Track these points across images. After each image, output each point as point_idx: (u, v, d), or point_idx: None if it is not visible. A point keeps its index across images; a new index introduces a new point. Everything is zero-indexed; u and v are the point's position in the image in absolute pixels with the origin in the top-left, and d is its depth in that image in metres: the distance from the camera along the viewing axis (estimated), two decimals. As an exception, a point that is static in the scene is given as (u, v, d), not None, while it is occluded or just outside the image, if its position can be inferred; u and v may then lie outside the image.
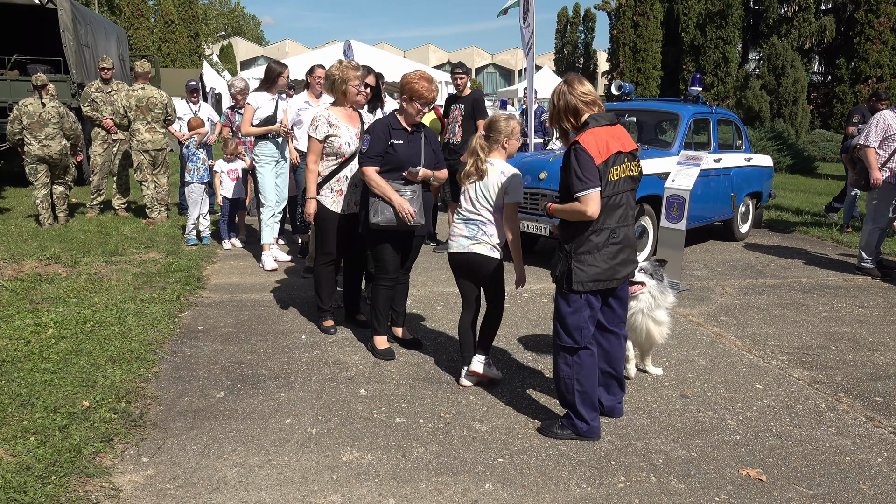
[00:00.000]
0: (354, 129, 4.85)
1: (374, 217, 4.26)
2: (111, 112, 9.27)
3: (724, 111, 8.64)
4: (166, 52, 34.11)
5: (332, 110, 4.84)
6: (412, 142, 4.35)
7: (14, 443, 3.22)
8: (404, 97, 4.27)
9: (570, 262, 3.30)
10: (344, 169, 4.79)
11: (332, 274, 5.07)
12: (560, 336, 3.43)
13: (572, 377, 3.41)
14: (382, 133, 4.28)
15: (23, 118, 8.18)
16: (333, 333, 5.00)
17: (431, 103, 4.31)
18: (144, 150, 8.64)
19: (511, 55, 64.58)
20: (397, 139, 4.29)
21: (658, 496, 3.02)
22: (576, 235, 3.31)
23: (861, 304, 6.17)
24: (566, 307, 3.37)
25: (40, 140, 8.24)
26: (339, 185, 4.81)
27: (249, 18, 71.56)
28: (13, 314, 5.06)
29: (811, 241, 9.08)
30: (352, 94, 4.86)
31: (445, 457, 3.31)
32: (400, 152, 4.29)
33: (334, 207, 4.81)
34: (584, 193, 3.20)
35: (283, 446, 3.37)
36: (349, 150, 4.77)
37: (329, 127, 4.73)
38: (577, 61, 40.19)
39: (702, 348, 4.92)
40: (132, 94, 8.57)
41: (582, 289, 3.30)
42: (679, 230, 6.42)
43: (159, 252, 7.31)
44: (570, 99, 3.34)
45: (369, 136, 4.30)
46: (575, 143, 3.25)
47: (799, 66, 22.68)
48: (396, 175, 4.29)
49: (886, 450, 3.49)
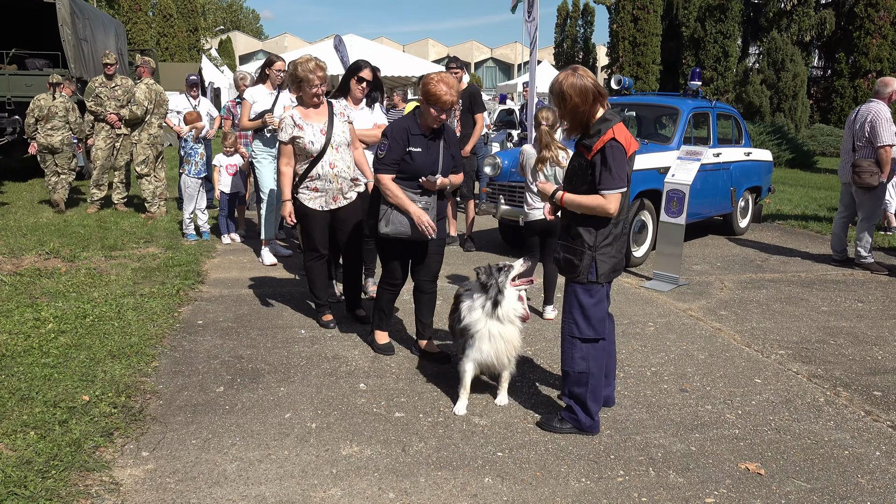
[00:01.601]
0: (319, 125, 4.70)
1: (385, 227, 4.10)
2: (115, 107, 9.28)
3: (724, 106, 8.64)
4: (165, 47, 34.02)
5: (297, 110, 4.72)
6: (431, 148, 4.11)
7: (14, 437, 3.23)
8: (422, 100, 4.02)
9: (595, 255, 3.31)
10: (316, 166, 4.69)
11: (322, 267, 5.01)
12: (580, 328, 3.40)
13: (587, 371, 3.40)
14: (400, 139, 4.04)
15: (35, 111, 9.10)
16: (333, 328, 4.99)
17: (450, 108, 4.00)
18: (154, 144, 8.87)
19: (510, 49, 64.46)
20: (415, 146, 4.05)
21: (657, 490, 3.03)
22: (599, 228, 3.31)
23: (860, 298, 6.17)
24: (589, 299, 3.36)
25: (45, 130, 9.15)
26: (314, 183, 4.72)
27: (248, 13, 71.44)
28: (13, 309, 5.06)
29: (810, 236, 9.09)
30: (308, 96, 4.69)
31: (445, 451, 3.32)
32: (417, 160, 4.06)
33: (313, 204, 4.74)
34: (613, 192, 3.21)
35: (283, 440, 3.38)
36: (315, 148, 4.64)
37: (293, 128, 4.63)
38: (577, 55, 40.12)
39: (701, 343, 4.93)
40: (153, 88, 8.77)
41: (605, 280, 3.35)
42: (679, 225, 6.42)
43: (159, 247, 7.30)
44: (587, 83, 3.22)
45: (386, 142, 4.06)
46: (613, 141, 3.20)
47: (798, 60, 22.64)
48: (412, 183, 4.09)
49: (885, 444, 3.50)
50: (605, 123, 3.26)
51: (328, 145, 4.69)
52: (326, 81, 4.81)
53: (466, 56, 65.37)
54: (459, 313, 3.72)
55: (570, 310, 3.43)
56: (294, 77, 4.68)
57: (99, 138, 9.41)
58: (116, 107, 9.29)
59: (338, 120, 4.78)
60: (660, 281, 6.51)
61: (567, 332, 3.45)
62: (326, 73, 4.77)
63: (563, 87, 3.25)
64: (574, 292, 3.40)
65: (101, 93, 9.31)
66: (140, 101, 8.66)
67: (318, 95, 4.69)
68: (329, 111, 4.78)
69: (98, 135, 9.43)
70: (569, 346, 3.45)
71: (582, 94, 3.22)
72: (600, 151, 3.23)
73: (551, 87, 3.34)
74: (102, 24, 14.02)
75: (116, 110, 9.25)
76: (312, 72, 4.62)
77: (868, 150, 6.88)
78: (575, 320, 3.41)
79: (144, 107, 8.68)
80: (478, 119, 7.57)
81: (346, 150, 4.82)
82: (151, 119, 8.83)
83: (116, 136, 9.45)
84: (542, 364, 4.45)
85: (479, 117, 7.58)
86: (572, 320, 3.42)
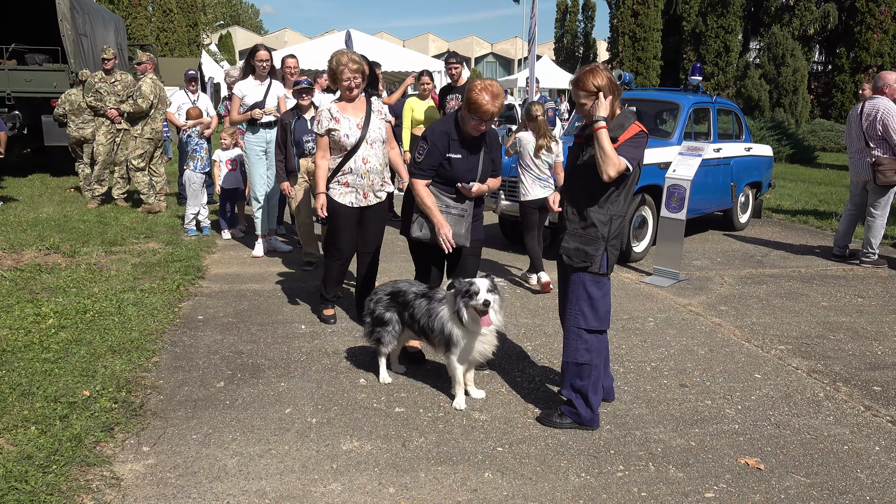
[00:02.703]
0: (356, 120, 4.68)
1: (417, 232, 4.05)
2: (115, 102, 9.29)
3: (725, 101, 8.62)
4: (164, 42, 33.94)
5: (335, 104, 4.72)
6: (471, 154, 3.99)
7: (15, 432, 3.23)
8: (463, 106, 3.89)
9: (607, 248, 3.38)
10: (349, 161, 4.65)
11: (342, 268, 4.92)
12: (587, 320, 3.43)
13: (591, 362, 3.43)
14: (441, 145, 3.91)
15: (66, 105, 9.80)
16: (333, 323, 4.99)
17: (491, 119, 3.84)
18: (154, 140, 8.92)
19: (510, 44, 64.32)
20: (455, 152, 3.93)
21: (657, 485, 3.03)
22: (612, 221, 3.38)
23: (860, 293, 6.17)
24: (597, 291, 3.42)
25: (77, 124, 9.79)
26: (346, 178, 4.67)
27: (248, 8, 71.26)
28: (13, 304, 5.06)
29: (811, 231, 9.09)
30: (342, 90, 4.70)
31: (445, 446, 3.33)
32: (455, 167, 3.95)
33: (342, 200, 4.69)
34: (627, 162, 3.27)
35: (283, 435, 3.39)
36: (350, 142, 4.62)
37: (330, 121, 4.61)
38: (577, 51, 40.03)
39: (701, 338, 4.93)
40: (157, 83, 8.83)
41: (612, 272, 3.47)
42: (679, 220, 6.42)
43: (159, 242, 7.30)
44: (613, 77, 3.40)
45: (426, 146, 3.93)
46: (642, 134, 3.35)
47: (799, 55, 22.61)
48: (448, 189, 4.00)
49: (884, 438, 3.51)
50: (629, 119, 3.39)
51: (363, 140, 4.65)
52: (364, 76, 4.79)
53: (467, 51, 65.23)
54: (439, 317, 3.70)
55: (577, 301, 3.44)
56: (329, 71, 4.73)
57: (99, 133, 9.41)
58: (116, 102, 9.29)
59: (375, 116, 4.75)
60: (660, 276, 6.51)
61: (573, 323, 3.46)
62: (363, 67, 4.76)
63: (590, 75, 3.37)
64: (583, 284, 3.42)
65: (100, 88, 9.31)
66: (146, 94, 8.68)
67: (350, 89, 4.66)
68: (367, 107, 4.76)
69: (98, 130, 9.43)
70: (574, 337, 3.47)
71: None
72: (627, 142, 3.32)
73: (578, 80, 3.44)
74: (102, 18, 13.98)
75: (116, 105, 9.26)
76: (345, 65, 4.61)
77: (885, 147, 6.85)
78: (582, 311, 3.43)
79: (150, 100, 8.71)
80: None
81: (380, 147, 4.76)
82: (155, 114, 8.88)
83: (117, 130, 9.45)
84: (542, 360, 4.45)
85: None
86: (579, 311, 3.44)
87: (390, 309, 3.94)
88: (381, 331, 3.96)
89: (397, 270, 6.52)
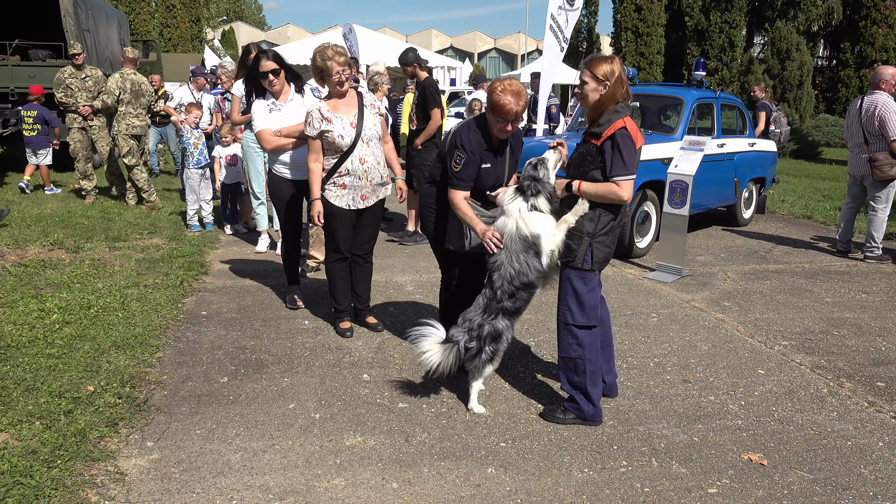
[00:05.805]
0: (349, 118, 4.43)
1: (469, 244, 3.84)
2: (87, 98, 9.16)
3: (728, 96, 8.60)
4: (168, 37, 33.98)
5: (324, 102, 4.45)
6: (498, 161, 3.81)
7: (20, 427, 3.25)
8: (487, 109, 3.67)
9: (592, 243, 3.38)
10: (345, 162, 4.43)
11: (345, 271, 4.73)
12: (573, 315, 3.45)
13: (584, 357, 3.45)
14: (478, 154, 3.69)
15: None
16: (350, 336, 4.69)
17: (516, 119, 3.64)
18: (134, 135, 8.80)
19: (514, 39, 64.21)
20: (486, 162, 3.74)
21: (660, 480, 3.04)
22: (602, 217, 3.39)
23: (864, 289, 6.16)
24: (583, 286, 3.43)
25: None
26: (342, 180, 4.45)
27: (251, 3, 71.22)
28: (17, 300, 5.07)
29: (814, 227, 9.07)
30: (332, 86, 4.44)
31: (448, 441, 3.33)
32: (486, 177, 3.78)
33: (339, 202, 4.49)
34: (625, 179, 3.29)
35: (287, 431, 3.39)
36: (345, 143, 4.39)
37: (321, 121, 4.35)
38: (580, 45, 39.87)
39: (704, 334, 4.92)
40: (126, 78, 8.65)
41: (598, 268, 3.45)
42: (682, 215, 6.41)
43: (162, 238, 7.31)
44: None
45: (463, 155, 3.67)
46: (623, 130, 3.29)
47: (804, 49, 22.51)
48: (476, 197, 3.81)
49: (888, 434, 3.50)
50: (616, 114, 3.34)
51: (358, 139, 4.43)
52: (351, 67, 4.61)
53: (470, 46, 65.14)
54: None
55: (564, 297, 3.49)
56: (315, 68, 4.46)
57: (73, 130, 9.29)
58: (88, 98, 9.16)
59: (368, 112, 4.51)
60: (663, 272, 6.50)
61: (562, 318, 3.51)
62: (349, 59, 4.51)
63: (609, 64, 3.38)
64: (569, 279, 3.46)
65: (71, 83, 9.16)
66: (110, 90, 8.58)
67: (341, 83, 4.41)
68: (359, 103, 4.51)
69: (72, 126, 9.30)
70: (564, 332, 3.51)
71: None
72: (610, 139, 3.30)
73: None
74: (105, 14, 13.99)
75: (89, 101, 9.14)
76: (331, 59, 4.36)
77: (881, 143, 6.83)
78: (569, 307, 3.46)
79: (115, 95, 8.59)
80: (433, 114, 7.16)
81: (376, 145, 4.56)
82: (128, 109, 8.71)
83: (89, 126, 9.34)
84: (545, 355, 4.46)
85: (433, 112, 7.16)
86: (567, 307, 3.48)
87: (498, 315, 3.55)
88: (497, 346, 3.57)
89: (399, 266, 6.52)
